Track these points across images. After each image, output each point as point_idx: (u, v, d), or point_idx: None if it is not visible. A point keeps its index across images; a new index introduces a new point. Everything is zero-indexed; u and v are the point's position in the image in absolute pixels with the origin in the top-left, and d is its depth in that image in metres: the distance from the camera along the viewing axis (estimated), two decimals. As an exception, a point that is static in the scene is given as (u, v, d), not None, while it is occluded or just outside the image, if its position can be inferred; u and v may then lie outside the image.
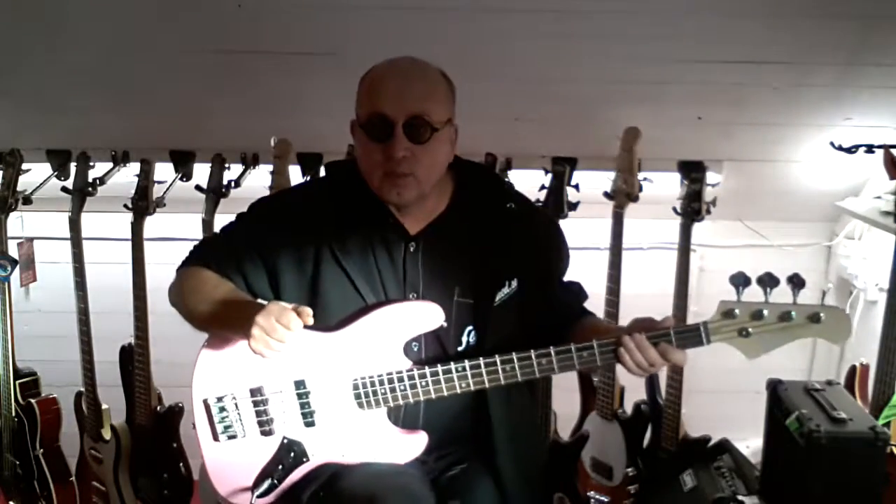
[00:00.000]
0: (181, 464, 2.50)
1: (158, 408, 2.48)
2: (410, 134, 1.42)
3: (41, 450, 2.56)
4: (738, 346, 1.42)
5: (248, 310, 1.39)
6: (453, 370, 1.46)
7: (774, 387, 1.89)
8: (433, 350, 1.53)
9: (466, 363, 1.46)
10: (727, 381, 2.83)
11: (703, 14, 2.15)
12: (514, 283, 1.55)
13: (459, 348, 1.54)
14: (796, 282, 1.37)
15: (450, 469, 1.58)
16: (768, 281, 1.37)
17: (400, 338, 1.50)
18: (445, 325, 1.50)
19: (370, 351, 1.49)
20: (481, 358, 1.46)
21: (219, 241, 1.63)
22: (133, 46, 2.27)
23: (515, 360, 1.45)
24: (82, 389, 2.53)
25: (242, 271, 1.55)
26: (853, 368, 2.24)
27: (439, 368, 1.47)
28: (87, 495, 2.64)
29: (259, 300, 1.50)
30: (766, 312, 1.38)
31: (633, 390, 2.44)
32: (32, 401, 2.54)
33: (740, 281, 1.39)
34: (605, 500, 2.48)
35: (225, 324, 1.47)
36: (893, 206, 2.30)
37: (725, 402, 2.74)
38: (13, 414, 2.54)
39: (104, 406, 2.53)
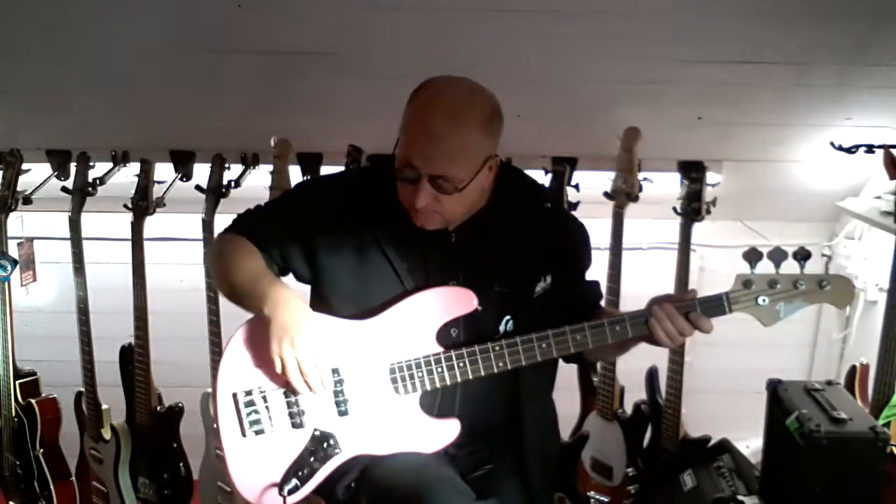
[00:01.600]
0: (181, 464, 2.50)
1: (158, 408, 2.48)
2: (436, 186, 1.45)
3: (41, 450, 2.56)
4: (755, 314, 1.52)
5: (272, 294, 1.45)
6: (490, 349, 1.50)
7: (774, 387, 1.89)
8: (471, 336, 1.55)
9: (503, 342, 1.50)
10: (727, 381, 2.84)
11: (704, 14, 2.15)
12: (549, 279, 1.60)
13: (497, 336, 1.57)
14: (802, 255, 1.50)
15: (477, 468, 1.59)
16: (777, 255, 1.49)
17: (434, 323, 1.52)
18: (480, 308, 1.52)
19: (405, 336, 1.51)
20: (517, 336, 1.50)
21: (262, 215, 1.65)
22: (133, 46, 2.27)
23: (551, 337, 1.50)
24: (82, 389, 2.53)
25: (281, 248, 1.58)
26: (853, 368, 2.24)
27: (476, 348, 1.50)
28: (87, 495, 2.64)
29: (283, 289, 1.49)
30: (778, 282, 1.50)
31: (633, 390, 2.44)
32: (32, 401, 2.54)
33: (753, 256, 1.50)
34: (605, 500, 2.48)
35: (247, 300, 1.51)
36: (893, 206, 2.30)
37: (725, 402, 2.75)
38: (13, 414, 2.54)
39: (104, 406, 2.53)
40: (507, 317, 1.56)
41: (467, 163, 1.46)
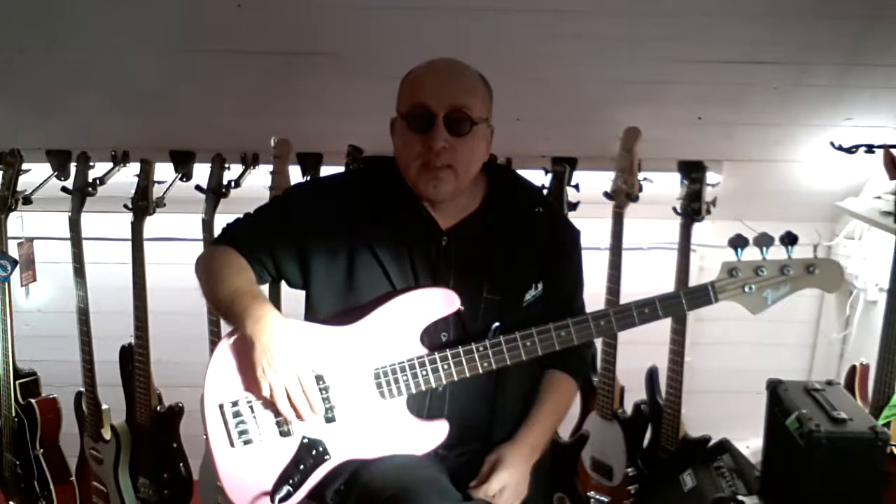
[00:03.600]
0: (181, 464, 2.50)
1: (158, 408, 2.48)
2: (451, 126, 1.47)
3: (41, 450, 2.56)
4: (742, 302, 1.49)
5: (252, 313, 1.44)
6: (474, 349, 1.49)
7: (774, 387, 1.89)
8: (460, 341, 1.53)
9: (487, 342, 1.49)
10: (727, 381, 2.85)
11: (704, 14, 2.15)
12: (540, 287, 1.60)
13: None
14: (789, 239, 1.48)
15: (467, 469, 1.58)
16: (764, 240, 1.47)
17: (417, 325, 1.51)
18: (463, 308, 1.52)
19: (388, 340, 1.51)
20: (501, 336, 1.49)
21: (252, 223, 1.64)
22: (133, 46, 2.27)
23: (535, 335, 1.49)
24: (82, 389, 2.53)
25: (273, 255, 1.58)
26: (853, 368, 2.24)
27: (460, 349, 1.49)
28: (87, 495, 2.64)
29: (261, 306, 1.48)
30: (765, 268, 1.48)
31: (633, 390, 2.44)
32: (32, 401, 2.54)
33: (738, 243, 1.48)
34: (605, 500, 2.48)
35: (229, 316, 1.50)
36: (893, 206, 2.31)
37: (725, 402, 2.75)
38: (13, 414, 2.54)
39: (104, 406, 2.53)
40: (496, 324, 1.55)
41: (478, 98, 1.52)
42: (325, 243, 1.55)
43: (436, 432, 1.53)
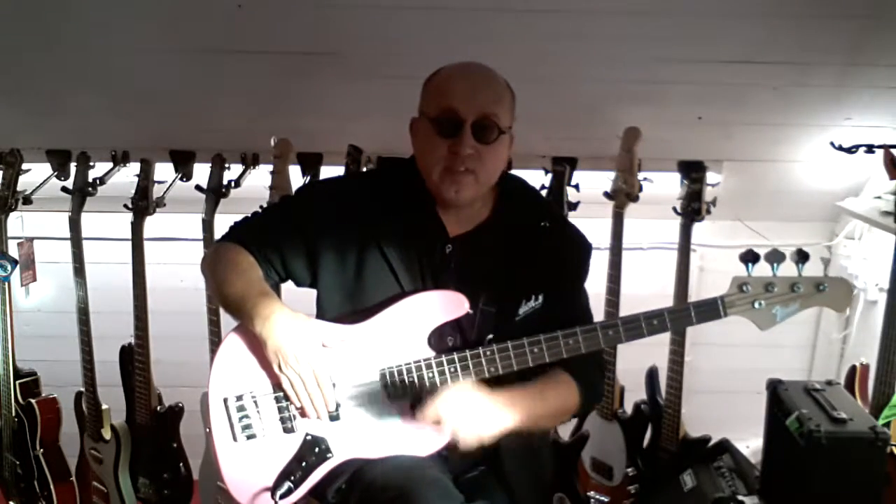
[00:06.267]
0: (181, 464, 2.50)
1: (158, 408, 2.48)
2: (478, 133, 1.47)
3: (41, 450, 2.56)
4: (751, 317, 1.49)
5: (261, 311, 1.45)
6: (481, 353, 1.48)
7: (774, 387, 1.89)
8: (465, 347, 1.53)
9: (494, 347, 1.48)
10: (727, 381, 2.84)
11: (704, 14, 2.15)
12: (540, 299, 1.59)
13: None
14: (800, 256, 1.47)
15: (470, 470, 1.59)
16: (775, 256, 1.46)
17: (425, 327, 1.51)
18: (471, 311, 1.52)
19: (396, 341, 1.51)
20: (509, 342, 1.48)
21: (261, 221, 1.64)
22: (133, 46, 2.27)
23: (543, 342, 1.48)
24: (82, 389, 2.53)
25: (281, 253, 1.58)
26: (853, 368, 2.24)
27: (467, 353, 1.49)
28: (87, 495, 2.64)
29: (270, 304, 1.48)
30: (775, 284, 1.47)
31: (633, 390, 2.44)
32: (32, 401, 2.54)
33: (749, 258, 1.47)
34: (605, 500, 2.48)
35: (240, 313, 1.50)
36: (893, 206, 2.31)
37: (725, 402, 2.75)
38: (13, 414, 2.54)
39: (104, 406, 2.53)
40: (490, 336, 1.54)
41: (505, 107, 1.52)
42: (334, 243, 1.55)
43: (440, 434, 1.52)
